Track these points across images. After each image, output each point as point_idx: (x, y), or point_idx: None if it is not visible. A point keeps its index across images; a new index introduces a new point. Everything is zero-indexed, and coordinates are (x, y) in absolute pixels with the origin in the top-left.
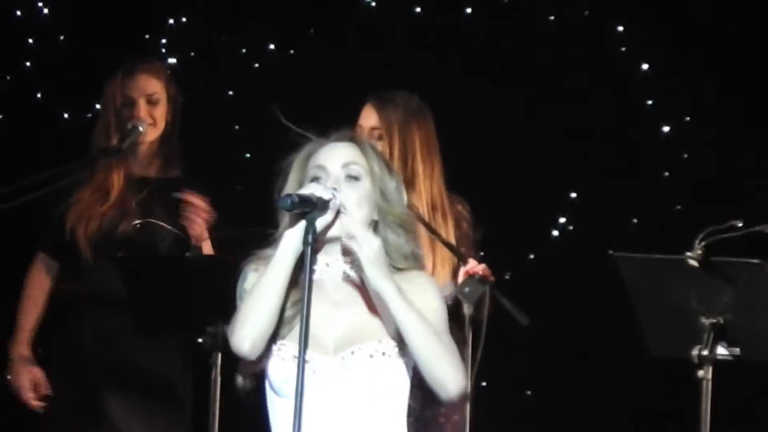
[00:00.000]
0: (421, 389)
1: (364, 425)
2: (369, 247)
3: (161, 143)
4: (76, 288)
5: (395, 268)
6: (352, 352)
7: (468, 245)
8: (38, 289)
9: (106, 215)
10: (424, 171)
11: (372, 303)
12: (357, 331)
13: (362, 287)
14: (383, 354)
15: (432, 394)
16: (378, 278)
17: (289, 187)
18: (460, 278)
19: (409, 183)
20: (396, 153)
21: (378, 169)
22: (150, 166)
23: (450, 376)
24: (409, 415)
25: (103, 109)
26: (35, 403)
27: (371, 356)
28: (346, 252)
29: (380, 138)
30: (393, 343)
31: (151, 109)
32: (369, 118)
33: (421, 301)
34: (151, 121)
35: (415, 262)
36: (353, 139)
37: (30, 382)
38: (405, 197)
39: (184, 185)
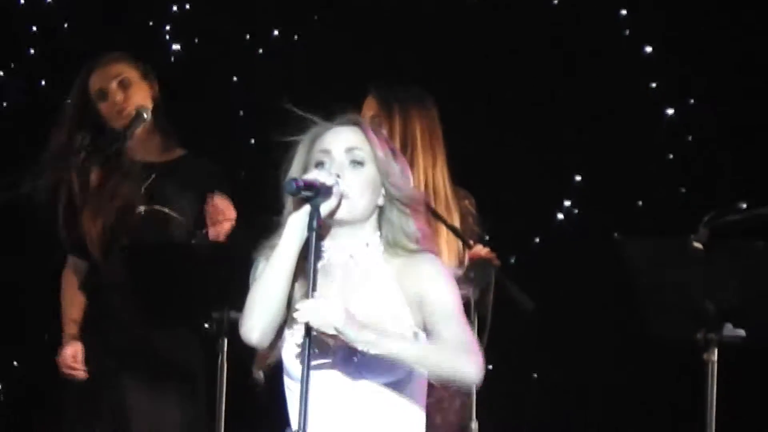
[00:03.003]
0: None
1: (376, 409)
2: (351, 332)
3: (153, 124)
4: (89, 282)
5: (405, 251)
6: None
7: (474, 239)
8: (75, 284)
9: (112, 210)
10: (425, 160)
11: (383, 289)
12: (369, 315)
13: (371, 273)
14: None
15: None
16: (373, 346)
17: (294, 171)
18: (466, 263)
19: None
20: (396, 141)
21: (382, 153)
22: (150, 150)
23: (465, 375)
24: (429, 396)
25: (72, 106)
26: (74, 373)
27: None
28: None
29: (380, 126)
30: (407, 325)
31: (126, 91)
32: (370, 107)
33: (429, 291)
34: (129, 106)
35: (425, 242)
36: (358, 123)
37: (70, 356)
38: (411, 180)
39: (189, 165)
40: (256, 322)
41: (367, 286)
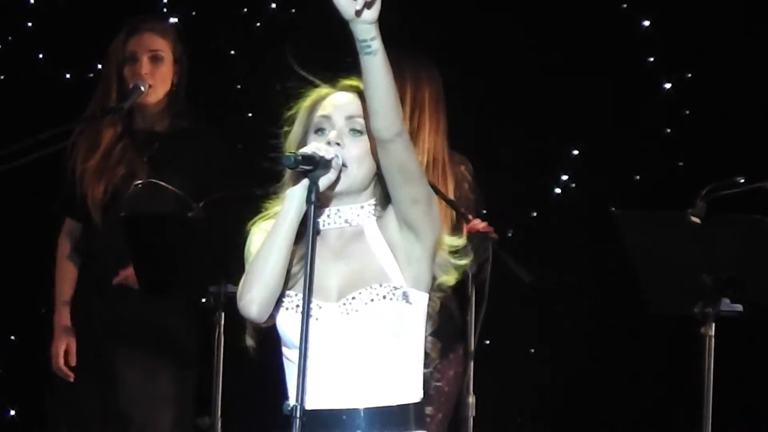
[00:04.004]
0: (439, 338)
1: (370, 370)
2: None
3: (168, 103)
4: (85, 246)
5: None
6: (353, 298)
7: (469, 206)
8: (68, 255)
9: (116, 175)
10: (430, 125)
11: (373, 248)
12: (358, 277)
13: (363, 234)
14: (383, 297)
15: (446, 346)
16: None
17: (294, 133)
18: (464, 236)
19: (414, 135)
20: (407, 104)
21: None
22: (158, 123)
23: (390, 114)
24: (426, 366)
25: (106, 66)
26: (65, 371)
27: (372, 300)
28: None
29: None
30: (394, 286)
31: (155, 67)
32: None
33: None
34: (152, 81)
35: None
36: (359, 90)
37: (64, 351)
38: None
39: (192, 136)
40: (255, 296)
41: (358, 250)
